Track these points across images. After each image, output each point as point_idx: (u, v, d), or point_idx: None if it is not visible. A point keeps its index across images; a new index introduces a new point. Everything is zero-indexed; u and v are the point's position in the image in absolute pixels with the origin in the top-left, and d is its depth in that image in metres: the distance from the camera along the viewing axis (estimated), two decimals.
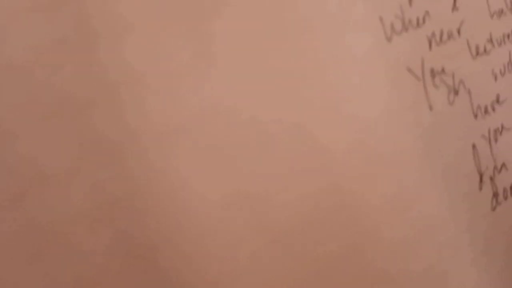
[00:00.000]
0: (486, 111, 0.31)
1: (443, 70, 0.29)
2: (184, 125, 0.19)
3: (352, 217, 0.23)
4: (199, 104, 0.20)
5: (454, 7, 0.29)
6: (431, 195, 0.27)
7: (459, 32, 0.30)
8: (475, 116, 0.30)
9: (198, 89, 0.20)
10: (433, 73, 0.28)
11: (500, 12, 0.32)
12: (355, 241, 0.23)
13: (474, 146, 0.29)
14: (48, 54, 0.17)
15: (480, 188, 0.29)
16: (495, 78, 0.32)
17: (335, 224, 0.23)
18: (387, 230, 0.25)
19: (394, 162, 0.26)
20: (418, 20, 0.28)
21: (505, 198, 0.30)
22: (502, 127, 0.31)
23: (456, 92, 0.29)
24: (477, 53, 0.31)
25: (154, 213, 0.18)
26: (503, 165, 0.31)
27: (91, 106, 0.17)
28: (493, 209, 0.30)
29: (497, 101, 0.32)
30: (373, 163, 0.25)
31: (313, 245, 0.21)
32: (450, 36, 0.30)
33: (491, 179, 0.30)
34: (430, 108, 0.28)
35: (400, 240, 0.25)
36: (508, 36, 0.32)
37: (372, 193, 0.24)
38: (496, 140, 0.31)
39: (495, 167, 0.30)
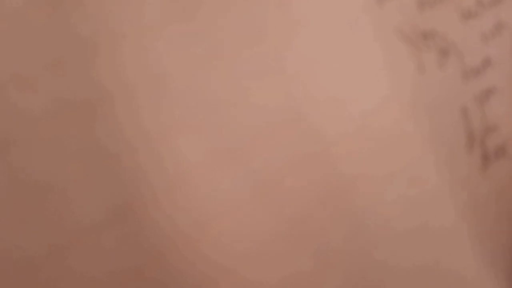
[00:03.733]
0: (477, 73, 0.30)
1: (434, 32, 0.29)
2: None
3: (335, 176, 0.24)
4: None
5: None
6: (421, 157, 0.27)
7: None
8: (466, 78, 0.30)
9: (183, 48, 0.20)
10: (424, 35, 0.28)
11: None
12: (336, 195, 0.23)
13: (465, 108, 0.29)
14: None
15: (471, 150, 0.29)
16: (486, 41, 0.32)
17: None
18: (377, 191, 0.25)
19: (384, 125, 0.26)
20: None
21: (496, 159, 0.31)
22: (493, 89, 0.31)
23: (447, 55, 0.29)
24: (468, 15, 0.31)
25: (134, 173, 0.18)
26: (494, 126, 0.31)
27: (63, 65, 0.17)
28: (484, 170, 0.30)
29: (487, 63, 0.32)
30: (361, 126, 0.25)
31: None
32: None
33: (482, 141, 0.30)
34: (422, 71, 0.27)
35: (391, 201, 0.25)
36: None
37: (360, 155, 0.24)
38: (487, 102, 0.31)
39: (486, 129, 0.30)
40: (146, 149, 0.18)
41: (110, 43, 0.18)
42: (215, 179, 0.20)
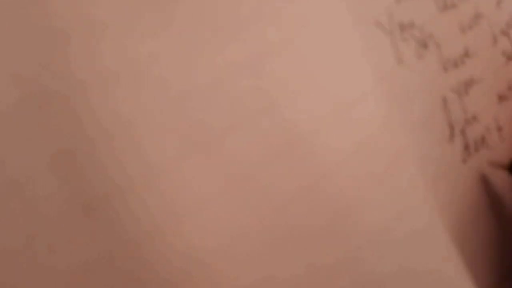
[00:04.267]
0: (455, 64, 0.31)
1: (411, 24, 0.29)
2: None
3: (320, 171, 0.23)
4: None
5: None
6: (401, 148, 0.27)
7: None
8: (445, 69, 0.30)
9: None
10: (401, 26, 0.28)
11: None
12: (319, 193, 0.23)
13: (444, 99, 0.29)
14: None
15: (452, 141, 0.29)
16: (463, 31, 0.32)
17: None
18: (356, 181, 0.24)
19: (363, 117, 0.25)
20: None
21: (476, 150, 0.31)
22: (472, 80, 0.31)
23: (425, 46, 0.29)
24: (445, 7, 0.31)
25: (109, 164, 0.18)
26: (474, 117, 0.31)
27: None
28: (464, 161, 0.30)
29: (466, 54, 0.32)
30: (342, 118, 0.24)
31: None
32: None
33: (462, 132, 0.30)
34: (400, 62, 0.27)
35: (370, 190, 0.25)
36: None
37: (341, 146, 0.24)
38: (466, 93, 0.31)
39: (465, 120, 0.30)
40: (123, 139, 0.18)
41: (83, 34, 0.18)
42: (192, 172, 0.19)
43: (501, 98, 0.33)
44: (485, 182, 0.31)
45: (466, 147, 0.30)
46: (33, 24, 0.17)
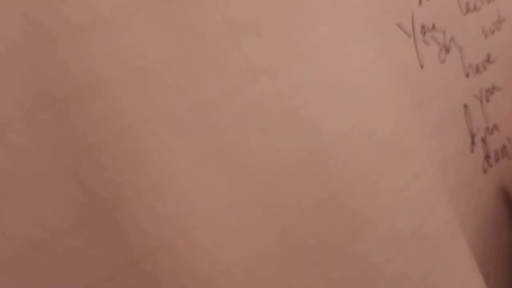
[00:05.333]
0: (477, 70, 0.29)
1: (433, 27, 0.27)
2: None
3: (336, 175, 0.22)
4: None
5: None
6: (421, 155, 0.26)
7: None
8: (467, 75, 0.29)
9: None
10: (423, 29, 0.27)
11: None
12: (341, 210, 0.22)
13: (466, 106, 0.28)
14: None
15: (472, 150, 0.28)
16: (485, 36, 0.31)
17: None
18: (374, 191, 0.23)
19: (383, 121, 0.24)
20: None
21: (497, 160, 0.30)
22: (493, 87, 0.30)
23: (447, 50, 0.28)
24: (467, 10, 0.30)
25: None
26: (495, 126, 0.30)
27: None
28: (485, 171, 0.29)
29: (488, 60, 0.30)
30: (362, 122, 0.23)
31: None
32: None
33: (483, 140, 0.29)
34: (421, 66, 0.26)
35: (389, 203, 0.24)
36: None
37: (361, 152, 0.23)
38: (487, 100, 0.30)
39: (486, 128, 0.29)
40: (127, 146, 0.17)
41: (72, 33, 0.17)
42: (201, 181, 0.18)
43: None
44: (505, 194, 0.29)
45: (487, 156, 0.29)
46: (15, 20, 0.16)
